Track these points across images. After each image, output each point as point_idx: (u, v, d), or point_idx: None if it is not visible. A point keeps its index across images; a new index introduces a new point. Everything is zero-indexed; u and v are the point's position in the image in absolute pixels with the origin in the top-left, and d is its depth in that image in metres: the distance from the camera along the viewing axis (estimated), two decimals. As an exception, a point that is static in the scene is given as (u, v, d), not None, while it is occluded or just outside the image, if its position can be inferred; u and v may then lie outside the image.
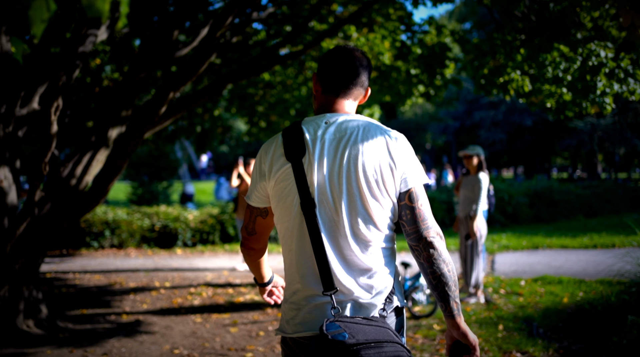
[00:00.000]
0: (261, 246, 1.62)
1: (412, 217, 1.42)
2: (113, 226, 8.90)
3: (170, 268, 7.32)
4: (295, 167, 1.41)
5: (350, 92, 1.51)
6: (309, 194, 1.40)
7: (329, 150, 1.43)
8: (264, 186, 1.48)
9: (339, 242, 1.40)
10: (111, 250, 8.83)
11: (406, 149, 1.46)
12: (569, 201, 11.32)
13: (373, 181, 1.40)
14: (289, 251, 1.46)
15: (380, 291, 1.42)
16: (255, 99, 8.79)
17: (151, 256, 8.38)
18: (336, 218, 1.40)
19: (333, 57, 1.52)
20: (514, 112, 25.03)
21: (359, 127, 1.45)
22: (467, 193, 5.32)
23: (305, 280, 1.41)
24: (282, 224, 1.46)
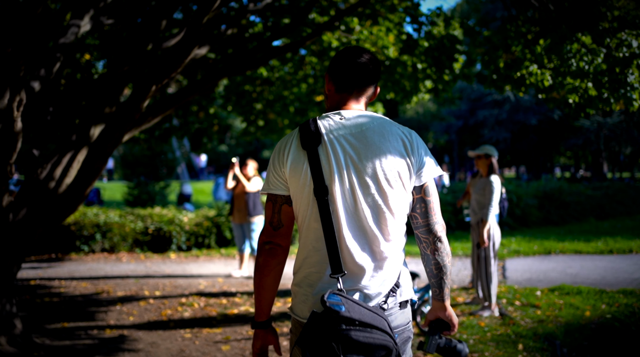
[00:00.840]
0: (287, 243, 1.57)
1: (426, 210, 1.50)
2: (104, 229, 8.51)
3: (162, 275, 6.92)
4: (310, 155, 1.46)
5: (363, 91, 1.57)
6: (322, 181, 1.44)
7: (345, 143, 1.47)
8: (283, 172, 1.51)
9: (351, 232, 1.45)
10: (102, 254, 8.43)
11: (421, 144, 1.53)
12: (579, 203, 10.90)
13: (390, 174, 1.46)
14: (304, 237, 1.50)
15: (386, 283, 1.47)
16: (253, 96, 8.39)
17: (143, 261, 7.99)
18: (350, 208, 1.46)
19: (346, 57, 1.56)
20: (518, 110, 24.60)
21: (374, 122, 1.50)
22: (478, 197, 4.91)
23: (317, 265, 1.47)
24: (299, 210, 1.50)
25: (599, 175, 26.07)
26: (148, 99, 3.43)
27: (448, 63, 6.11)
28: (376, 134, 1.49)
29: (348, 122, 1.51)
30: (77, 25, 4.58)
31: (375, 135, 1.49)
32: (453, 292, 5.68)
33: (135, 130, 4.77)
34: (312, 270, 1.48)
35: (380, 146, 1.47)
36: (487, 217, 4.71)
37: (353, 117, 1.52)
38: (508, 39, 5.19)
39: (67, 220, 8.62)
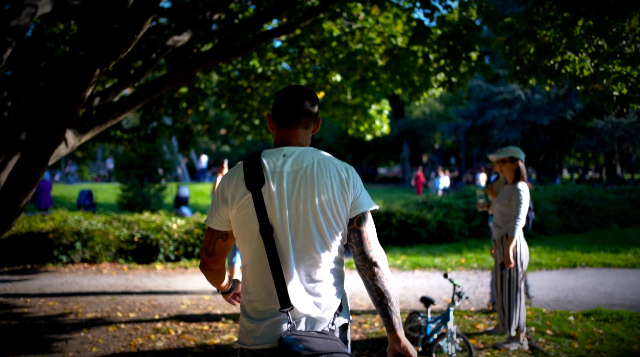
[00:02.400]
0: (220, 266, 1.74)
1: (360, 239, 1.60)
2: (85, 237, 7.81)
3: (142, 290, 6.20)
4: (255, 196, 1.56)
5: (300, 125, 1.67)
6: (267, 221, 1.55)
7: (287, 181, 1.58)
8: (226, 211, 1.62)
9: (296, 264, 1.55)
10: (82, 265, 7.73)
11: (356, 180, 1.64)
12: (601, 208, 10.09)
13: (327, 209, 1.56)
14: (250, 271, 1.60)
15: (330, 307, 1.58)
16: (247, 92, 7.66)
17: (126, 273, 7.28)
18: (293, 242, 1.56)
19: (282, 95, 1.68)
20: (529, 110, 23.74)
21: (314, 160, 1.61)
22: (502, 208, 4.15)
23: (264, 298, 1.56)
24: (244, 247, 1.61)
25: (613, 177, 25.16)
26: (91, 86, 2.71)
27: (465, 53, 5.35)
28: (315, 170, 1.57)
29: (289, 159, 1.59)
30: (34, 5, 3.87)
31: (315, 171, 1.57)
32: (471, 316, 4.92)
33: (98, 128, 4.05)
34: (259, 303, 1.56)
35: (319, 182, 1.56)
36: (513, 233, 3.96)
37: (294, 154, 1.61)
38: (534, 25, 4.44)
39: (45, 227, 7.94)
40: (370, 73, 6.49)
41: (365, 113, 7.08)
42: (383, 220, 9.07)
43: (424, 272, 7.04)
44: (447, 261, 7.49)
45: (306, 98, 1.68)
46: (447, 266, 7.26)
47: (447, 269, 7.13)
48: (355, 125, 7.53)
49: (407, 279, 6.68)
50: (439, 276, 6.76)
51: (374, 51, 6.42)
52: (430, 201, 9.48)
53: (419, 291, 5.99)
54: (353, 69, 6.52)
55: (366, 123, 7.48)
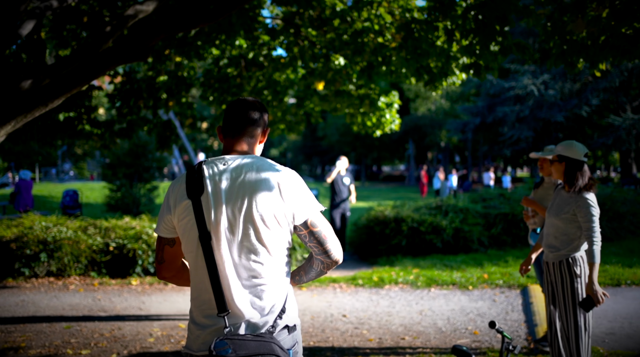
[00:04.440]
0: (173, 273, 1.76)
1: (319, 241, 1.67)
2: (52, 246, 6.82)
3: (108, 315, 5.21)
4: (194, 204, 1.60)
5: (244, 134, 1.72)
6: (205, 228, 1.59)
7: (225, 188, 1.61)
8: (170, 218, 1.66)
9: (235, 270, 1.59)
10: (47, 279, 6.75)
11: (296, 184, 1.65)
12: (635, 214, 9.04)
13: (266, 215, 1.59)
14: (193, 278, 1.64)
15: (272, 311, 1.60)
16: (237, 82, 6.65)
17: (96, 290, 6.29)
18: (231, 249, 1.59)
19: (229, 108, 1.75)
20: (542, 106, 22.64)
21: (253, 166, 1.64)
22: (561, 224, 3.13)
23: (206, 304, 1.60)
24: (187, 254, 1.65)
25: (629, 176, 24.04)
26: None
27: (498, 28, 4.31)
28: (254, 178, 1.61)
29: (229, 167, 1.64)
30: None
31: (253, 178, 1.61)
32: None
33: (23, 118, 3.06)
34: (202, 308, 1.61)
35: (256, 189, 1.60)
36: (594, 257, 2.95)
37: (234, 162, 1.65)
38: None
39: (7, 234, 6.97)
40: (380, 57, 5.47)
41: (374, 105, 6.05)
42: (392, 227, 8.05)
43: (442, 291, 6.03)
44: (467, 277, 6.47)
45: (251, 108, 1.73)
46: (468, 282, 6.24)
47: (469, 287, 6.12)
48: (361, 120, 6.51)
49: (423, 299, 5.66)
50: (459, 296, 5.75)
51: (384, 30, 5.40)
52: (445, 205, 8.45)
53: (438, 317, 4.98)
54: (359, 52, 5.50)
55: (374, 117, 6.46)
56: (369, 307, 5.42)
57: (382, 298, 5.78)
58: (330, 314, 5.19)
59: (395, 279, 6.45)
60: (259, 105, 1.74)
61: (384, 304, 5.51)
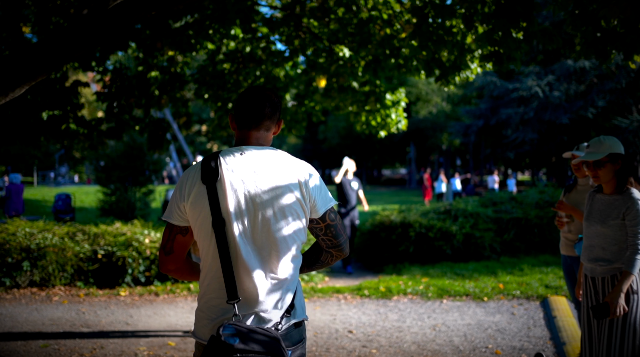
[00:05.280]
0: (179, 265, 1.70)
1: (335, 233, 1.69)
2: (36, 254, 6.37)
3: (91, 331, 4.76)
4: (209, 190, 1.57)
5: (262, 127, 1.68)
6: (219, 214, 1.55)
7: (243, 177, 1.58)
8: (184, 206, 1.61)
9: (248, 260, 1.56)
10: (29, 290, 6.29)
11: (315, 178, 1.66)
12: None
13: (284, 206, 1.58)
14: (205, 265, 1.61)
15: (282, 306, 1.58)
16: (234, 78, 6.21)
17: (81, 302, 5.84)
18: (247, 238, 1.57)
19: (245, 96, 1.70)
20: (547, 108, 22.21)
21: (272, 157, 1.63)
22: (609, 232, 2.70)
23: (217, 292, 1.57)
24: (200, 240, 1.61)
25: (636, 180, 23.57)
26: None
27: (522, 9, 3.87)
28: (273, 169, 1.60)
29: (247, 157, 1.61)
30: None
31: (272, 169, 1.60)
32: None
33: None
34: (212, 296, 1.57)
35: (275, 180, 1.58)
36: (632, 267, 2.56)
37: (252, 152, 1.63)
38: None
39: (-11, 242, 6.52)
40: (388, 49, 5.03)
41: (380, 101, 5.61)
42: (399, 232, 7.60)
43: (455, 303, 5.57)
44: (481, 287, 6.02)
45: (268, 101, 1.69)
46: (482, 293, 5.78)
47: (484, 298, 5.66)
48: (365, 119, 6.07)
49: (435, 312, 5.21)
50: (474, 309, 5.29)
51: (393, 20, 4.96)
52: (454, 209, 8.00)
53: (453, 333, 4.53)
54: (365, 43, 5.06)
55: (379, 116, 6.02)
56: (376, 321, 4.96)
57: (391, 311, 5.32)
58: (335, 329, 4.74)
59: (403, 290, 6.00)
60: (275, 97, 1.70)
61: (393, 318, 5.06)
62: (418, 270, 7.02)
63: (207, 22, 4.59)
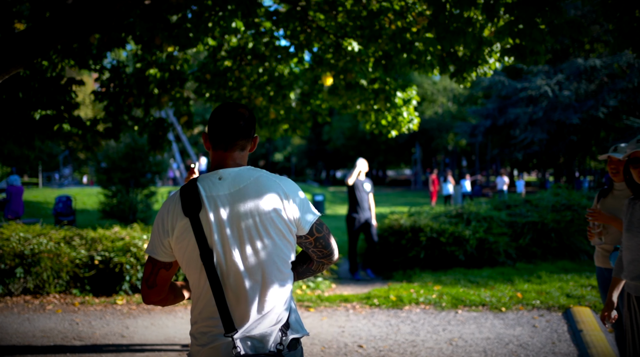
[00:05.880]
0: (163, 296, 1.68)
1: (325, 244, 1.69)
2: (30, 260, 6.09)
3: (83, 344, 4.47)
4: (193, 222, 1.54)
5: (237, 145, 1.64)
6: (207, 245, 1.53)
7: (224, 203, 1.56)
8: (168, 241, 1.58)
9: (239, 287, 1.54)
10: (22, 298, 6.01)
11: (298, 195, 1.64)
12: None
13: (270, 227, 1.56)
14: (196, 294, 1.58)
15: (275, 326, 1.57)
16: (235, 76, 5.91)
17: (75, 311, 5.55)
18: (236, 265, 1.54)
19: (217, 116, 1.64)
20: (556, 108, 21.80)
21: (251, 179, 1.60)
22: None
23: (208, 321, 1.55)
24: (189, 273, 1.58)
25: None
26: None
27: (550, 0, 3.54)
28: (253, 191, 1.57)
29: (226, 182, 1.58)
30: None
31: (252, 191, 1.57)
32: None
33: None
34: (205, 324, 1.56)
35: (257, 202, 1.55)
36: None
37: (230, 176, 1.59)
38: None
39: (-20, 248, 6.25)
40: (399, 43, 4.71)
41: (390, 100, 5.28)
42: (409, 237, 7.27)
43: (471, 313, 5.24)
44: (498, 296, 5.68)
45: (242, 119, 1.65)
46: (500, 303, 5.45)
47: (502, 309, 5.33)
48: (374, 118, 5.75)
49: (450, 324, 4.88)
50: (492, 321, 4.96)
51: (406, 12, 4.64)
52: (467, 212, 7.67)
53: (472, 349, 4.20)
54: (375, 38, 4.74)
55: (389, 115, 5.70)
56: (388, 334, 4.64)
57: (403, 322, 5.00)
58: (344, 343, 4.42)
59: (415, 299, 5.67)
60: (248, 113, 1.67)
61: (405, 331, 4.73)
62: (429, 277, 6.68)
63: (207, 14, 4.29)
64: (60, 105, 5.71)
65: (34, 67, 5.85)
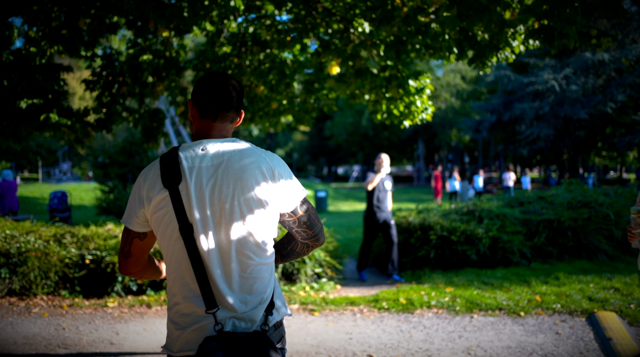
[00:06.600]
0: (140, 268, 1.62)
1: (310, 224, 1.61)
2: (16, 260, 5.73)
3: (69, 352, 4.10)
4: (172, 194, 1.45)
5: (227, 117, 1.56)
6: (186, 219, 1.44)
7: (207, 176, 1.47)
8: (143, 212, 1.50)
9: (221, 263, 1.46)
10: (7, 300, 5.64)
11: (284, 170, 1.55)
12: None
13: (252, 203, 1.47)
14: (172, 273, 1.49)
15: (261, 305, 1.49)
16: (235, 63, 5.53)
17: (62, 315, 5.19)
18: (216, 240, 1.46)
19: (209, 83, 1.55)
20: (563, 103, 21.35)
21: (235, 151, 1.51)
22: None
23: (188, 301, 1.45)
24: (164, 248, 1.50)
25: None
26: None
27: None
28: (237, 163, 1.49)
29: (209, 153, 1.49)
30: None
31: (236, 164, 1.48)
32: None
33: None
34: (184, 305, 1.46)
35: (240, 176, 1.47)
36: None
37: (214, 147, 1.51)
38: None
39: (-36, 246, 5.88)
40: (414, 26, 4.31)
41: (404, 87, 4.89)
42: (418, 235, 6.89)
43: (487, 318, 4.87)
44: (515, 299, 5.31)
45: (235, 90, 1.57)
46: (518, 307, 5.08)
47: (521, 313, 4.95)
48: (386, 108, 5.36)
49: (466, 331, 4.51)
50: (511, 327, 4.59)
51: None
52: (478, 210, 7.28)
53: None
54: (388, 19, 4.34)
55: (401, 104, 5.30)
56: (399, 342, 4.27)
57: (415, 328, 4.63)
58: (352, 352, 4.05)
59: (427, 302, 5.30)
60: (239, 85, 1.60)
61: (418, 338, 4.36)
62: (440, 278, 6.31)
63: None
64: (48, 93, 5.33)
65: (19, 53, 5.47)
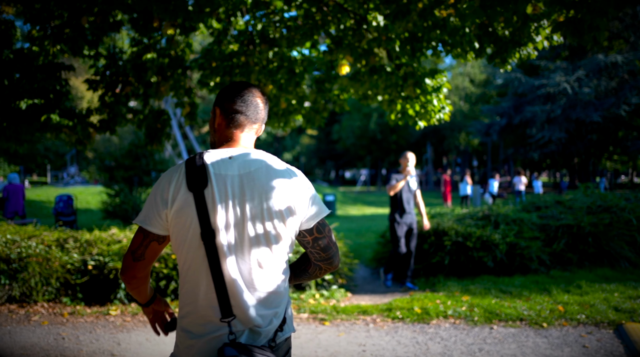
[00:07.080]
0: (145, 273, 1.59)
1: (326, 245, 1.60)
2: (17, 266, 5.55)
3: (67, 364, 3.89)
4: (197, 198, 1.44)
5: (253, 128, 1.60)
6: (209, 225, 1.44)
7: (233, 185, 1.47)
8: (166, 213, 1.48)
9: (239, 273, 1.45)
10: (7, 307, 5.46)
11: (308, 189, 1.55)
12: None
13: (275, 217, 1.47)
14: (189, 280, 1.47)
15: (275, 320, 1.50)
16: (242, 61, 5.32)
17: (63, 323, 4.98)
18: (237, 249, 1.45)
19: (239, 94, 1.57)
20: (576, 106, 20.99)
21: (263, 164, 1.51)
22: None
23: (204, 309, 1.45)
24: (182, 254, 1.48)
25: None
26: None
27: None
28: (263, 176, 1.49)
29: (236, 162, 1.50)
30: None
31: (263, 176, 1.49)
32: None
33: None
34: (200, 314, 1.45)
35: (266, 188, 1.48)
36: None
37: (241, 157, 1.51)
38: None
39: (-36, 251, 5.71)
40: (431, 21, 4.09)
41: (420, 86, 4.66)
42: (432, 241, 6.64)
43: (508, 329, 4.60)
44: (536, 309, 5.04)
45: (263, 102, 1.61)
46: (540, 318, 4.80)
47: (543, 324, 4.68)
48: (401, 108, 5.12)
49: (486, 343, 4.24)
50: (534, 339, 4.32)
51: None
52: (494, 215, 7.02)
53: (518, 376, 3.56)
54: (402, 14, 4.11)
55: (417, 104, 5.07)
56: (416, 355, 4.02)
57: (431, 340, 4.37)
58: (365, 366, 3.81)
59: (443, 311, 5.04)
60: (267, 98, 1.64)
61: (436, 351, 4.11)
62: (456, 285, 6.04)
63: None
64: (49, 93, 5.15)
65: (20, 52, 5.31)
